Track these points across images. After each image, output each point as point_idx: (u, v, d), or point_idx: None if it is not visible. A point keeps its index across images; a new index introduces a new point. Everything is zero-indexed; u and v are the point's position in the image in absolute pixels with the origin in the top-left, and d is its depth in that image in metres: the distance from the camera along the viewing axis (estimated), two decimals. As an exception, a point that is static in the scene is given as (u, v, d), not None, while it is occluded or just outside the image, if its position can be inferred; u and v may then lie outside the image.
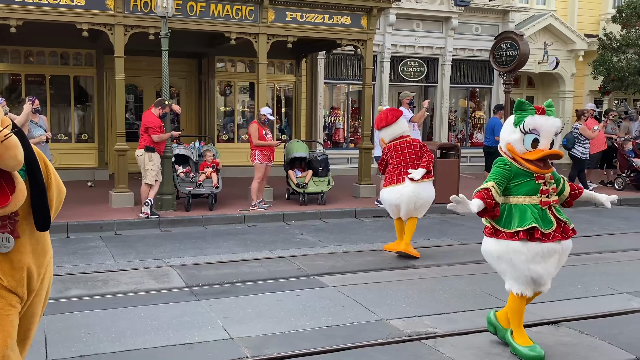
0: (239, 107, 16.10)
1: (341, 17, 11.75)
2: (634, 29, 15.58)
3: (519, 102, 4.61)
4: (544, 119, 4.47)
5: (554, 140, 4.48)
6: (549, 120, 4.47)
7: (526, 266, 4.44)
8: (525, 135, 4.44)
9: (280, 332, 5.17)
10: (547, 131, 4.43)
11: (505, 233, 4.49)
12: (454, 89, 17.52)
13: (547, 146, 4.44)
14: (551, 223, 4.46)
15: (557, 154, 4.43)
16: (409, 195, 7.73)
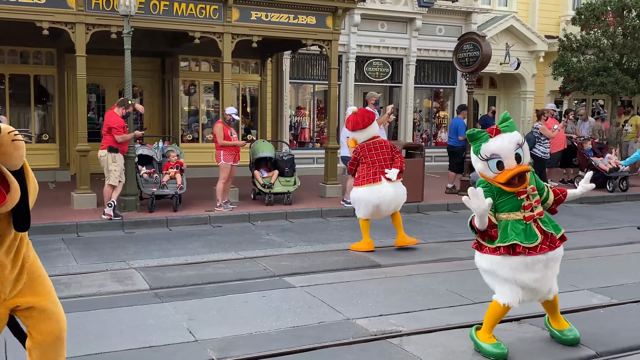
0: (204, 107, 15.97)
1: (306, 17, 11.76)
2: (593, 31, 15.95)
3: (469, 133, 4.62)
4: (499, 140, 4.45)
5: (521, 153, 4.47)
6: (504, 140, 4.44)
7: (512, 276, 4.53)
8: (488, 162, 4.47)
9: (246, 333, 5.15)
10: (506, 150, 4.43)
11: (489, 248, 4.61)
12: (418, 89, 17.68)
13: (512, 164, 4.43)
14: (536, 237, 4.52)
15: (523, 170, 4.42)
16: (391, 195, 7.97)
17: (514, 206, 4.54)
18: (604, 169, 14.27)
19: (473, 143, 4.57)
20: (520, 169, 4.40)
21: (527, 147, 4.59)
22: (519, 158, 4.45)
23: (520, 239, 4.48)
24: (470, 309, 5.86)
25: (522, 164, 4.46)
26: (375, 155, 8.05)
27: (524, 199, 4.53)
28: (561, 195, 4.84)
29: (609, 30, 15.67)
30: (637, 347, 4.89)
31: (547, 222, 4.64)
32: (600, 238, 9.45)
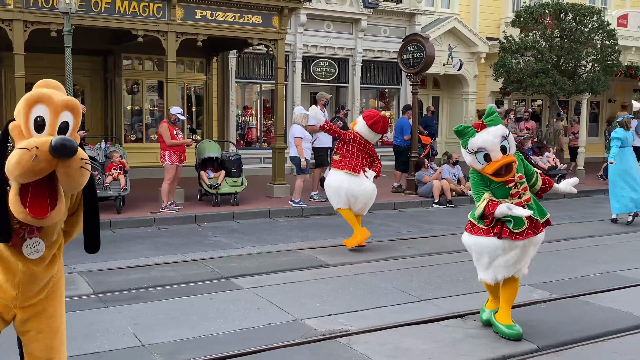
0: (148, 106, 15.70)
1: (252, 17, 11.70)
2: (532, 33, 16.41)
3: (457, 129, 4.87)
4: (484, 134, 4.70)
5: (507, 145, 4.68)
6: (489, 134, 4.68)
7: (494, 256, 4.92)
8: (476, 155, 4.74)
9: (193, 337, 5.09)
10: (491, 144, 4.67)
11: (483, 230, 4.93)
12: (364, 90, 17.84)
13: (498, 156, 4.67)
14: (523, 223, 4.80)
15: (507, 161, 4.66)
16: (370, 193, 8.21)
17: (504, 194, 4.85)
18: (543, 167, 14.74)
19: (461, 138, 4.82)
20: (506, 160, 4.66)
21: (513, 139, 4.81)
22: (505, 150, 4.68)
23: (509, 225, 4.80)
24: (417, 306, 5.95)
25: (508, 155, 4.70)
26: (362, 152, 8.19)
27: (512, 187, 4.82)
28: (548, 185, 5.12)
29: (547, 33, 16.16)
30: (576, 341, 5.06)
31: (534, 208, 4.88)
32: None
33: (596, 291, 6.46)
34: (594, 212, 12.25)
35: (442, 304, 6.03)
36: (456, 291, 6.47)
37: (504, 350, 4.83)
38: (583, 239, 9.40)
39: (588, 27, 16.14)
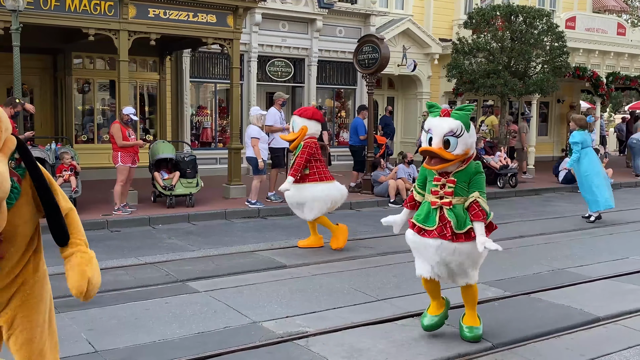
0: (99, 106, 15.38)
1: (206, 15, 11.58)
2: (483, 35, 16.71)
3: (428, 104, 4.96)
4: (438, 120, 4.71)
5: (452, 142, 4.63)
6: (441, 122, 4.69)
7: (415, 250, 5.02)
8: (427, 134, 4.80)
9: (149, 342, 5.00)
10: (437, 129, 4.68)
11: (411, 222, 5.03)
12: (320, 89, 17.87)
13: (437, 144, 4.67)
14: (433, 222, 4.80)
15: (429, 150, 4.67)
16: (344, 194, 8.40)
17: (429, 189, 4.90)
18: (495, 166, 15.04)
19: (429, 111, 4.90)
20: (428, 148, 4.68)
21: (465, 141, 4.66)
22: (448, 144, 4.65)
23: (418, 219, 4.87)
24: (373, 306, 5.99)
25: (438, 148, 4.65)
26: (320, 154, 8.23)
27: (436, 185, 4.81)
28: (472, 215, 4.72)
29: (498, 35, 16.48)
30: (529, 338, 5.18)
31: (455, 216, 4.76)
32: (493, 233, 9.89)
33: (548, 288, 6.62)
34: (544, 210, 12.56)
35: (399, 303, 6.09)
36: (413, 290, 6.53)
37: (460, 349, 4.91)
38: (534, 237, 9.61)
39: (538, 29, 16.52)
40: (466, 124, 4.69)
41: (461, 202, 4.76)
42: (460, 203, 4.76)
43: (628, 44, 20.54)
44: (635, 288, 6.71)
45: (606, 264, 7.80)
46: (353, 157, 14.19)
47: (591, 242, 9.29)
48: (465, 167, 4.77)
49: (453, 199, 4.75)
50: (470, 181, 4.78)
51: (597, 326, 5.51)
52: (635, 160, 18.23)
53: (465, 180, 4.78)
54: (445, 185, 4.77)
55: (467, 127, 4.70)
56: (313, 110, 8.35)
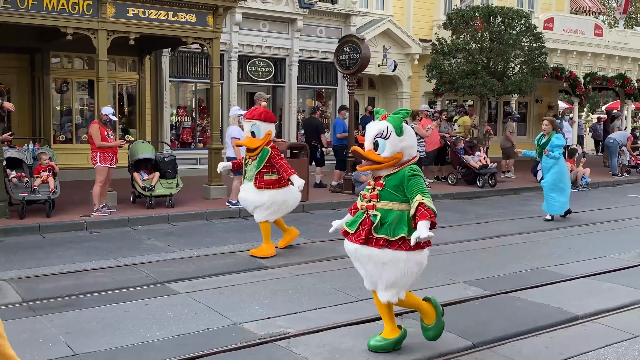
0: (78, 106, 15.23)
1: (186, 15, 11.50)
2: (463, 35, 16.83)
3: (375, 110, 4.94)
4: (372, 123, 4.70)
5: (380, 144, 4.54)
6: (373, 124, 4.68)
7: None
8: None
9: (128, 344, 4.96)
10: (368, 133, 4.68)
11: None
12: (301, 89, 17.86)
13: (367, 146, 4.67)
14: (354, 227, 4.70)
15: (355, 151, 4.70)
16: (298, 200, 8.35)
17: (362, 193, 4.81)
18: (474, 166, 15.15)
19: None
20: (356, 149, 4.68)
21: (393, 144, 4.54)
22: (377, 146, 4.59)
23: (347, 223, 4.82)
24: (355, 306, 6.00)
25: (373, 152, 4.58)
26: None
27: (368, 189, 4.72)
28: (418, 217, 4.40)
29: (477, 35, 16.61)
30: (509, 336, 5.22)
31: (381, 220, 4.54)
32: (472, 232, 10.02)
33: (527, 287, 6.68)
34: (523, 209, 12.67)
35: (379, 303, 6.09)
36: (393, 290, 6.55)
37: (441, 348, 4.93)
38: (513, 236, 9.70)
39: (516, 30, 16.68)
40: (396, 127, 4.55)
41: (388, 207, 4.54)
42: (386, 208, 4.55)
43: (605, 45, 20.83)
44: (613, 286, 6.80)
45: (584, 263, 7.89)
46: (335, 156, 14.22)
47: (569, 241, 9.39)
48: (397, 172, 4.58)
49: (377, 202, 4.58)
50: (401, 186, 4.53)
51: (576, 324, 5.58)
52: (612, 159, 18.49)
53: (394, 184, 4.56)
54: (375, 188, 4.64)
55: (398, 131, 4.55)
56: (265, 110, 7.91)
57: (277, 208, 7.96)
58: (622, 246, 8.91)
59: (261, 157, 7.78)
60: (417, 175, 4.58)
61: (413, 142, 4.69)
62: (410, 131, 4.71)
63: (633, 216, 11.76)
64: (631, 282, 6.94)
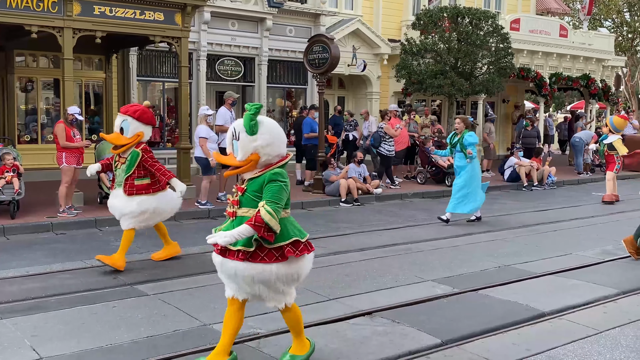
0: (43, 105, 14.95)
1: (154, 13, 11.38)
2: (431, 36, 16.99)
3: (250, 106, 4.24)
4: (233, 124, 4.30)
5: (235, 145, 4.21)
6: (231, 128, 4.30)
7: None
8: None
9: (96, 347, 4.89)
10: (227, 135, 4.33)
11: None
12: (271, 89, 17.81)
13: (229, 150, 4.30)
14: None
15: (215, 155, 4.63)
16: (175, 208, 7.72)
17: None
18: (443, 165, 15.30)
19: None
20: (215, 154, 4.58)
21: (244, 145, 4.14)
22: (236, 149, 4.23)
23: (216, 230, 4.34)
24: (325, 306, 6.01)
25: (233, 155, 4.25)
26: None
27: (234, 194, 4.30)
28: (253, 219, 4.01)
29: (445, 36, 16.78)
30: (477, 333, 5.29)
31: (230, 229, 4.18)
32: (441, 230, 10.12)
33: (495, 284, 6.78)
34: (490, 207, 12.81)
35: (350, 302, 6.12)
36: (364, 289, 6.59)
37: (410, 346, 4.97)
38: (481, 234, 9.83)
39: (483, 30, 16.91)
40: (246, 126, 4.11)
41: (248, 215, 4.11)
42: (246, 215, 4.13)
43: (570, 46, 21.23)
44: (579, 283, 6.93)
45: (551, 260, 8.03)
46: (304, 156, 14.23)
47: (536, 238, 9.54)
48: (259, 176, 4.14)
49: (238, 209, 4.21)
50: (261, 191, 4.11)
51: (543, 321, 5.67)
52: (577, 158, 18.84)
53: (254, 189, 4.14)
54: (237, 194, 4.26)
55: (248, 130, 4.10)
56: (143, 109, 7.26)
57: (149, 216, 7.24)
58: (587, 243, 9.09)
59: (130, 161, 7.08)
60: (277, 181, 4.10)
61: (272, 140, 4.15)
62: (271, 129, 4.19)
63: (597, 214, 12.01)
64: (595, 279, 7.09)
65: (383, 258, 8.06)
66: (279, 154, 4.21)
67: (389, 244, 8.96)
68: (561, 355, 4.80)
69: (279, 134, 4.25)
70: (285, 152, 4.30)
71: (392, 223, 10.30)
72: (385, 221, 10.57)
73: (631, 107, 36.22)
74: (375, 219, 11.01)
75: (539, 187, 15.92)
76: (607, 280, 7.03)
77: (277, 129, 4.25)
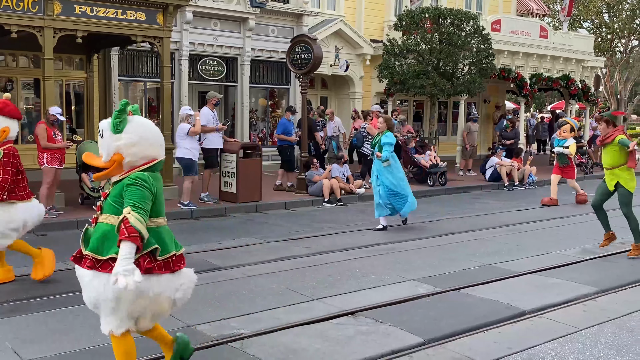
0: (23, 105, 14.78)
1: (135, 13, 11.31)
2: (413, 36, 17.07)
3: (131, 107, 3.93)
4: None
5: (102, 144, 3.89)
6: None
7: None
8: None
9: (78, 349, 4.86)
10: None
11: None
12: (253, 89, 17.78)
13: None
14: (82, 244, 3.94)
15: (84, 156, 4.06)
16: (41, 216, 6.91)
17: None
18: (425, 165, 15.39)
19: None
20: (84, 156, 4.07)
21: (106, 145, 3.84)
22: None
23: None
24: (309, 306, 6.03)
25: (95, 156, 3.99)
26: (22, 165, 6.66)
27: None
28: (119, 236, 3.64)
29: (427, 36, 16.88)
30: (459, 332, 5.34)
31: (96, 236, 3.84)
32: (423, 230, 10.18)
33: (476, 283, 6.84)
34: (472, 207, 12.94)
35: (333, 302, 6.15)
36: (347, 288, 6.62)
37: (393, 346, 5.00)
38: (463, 234, 9.90)
39: (465, 31, 17.03)
40: (111, 124, 3.81)
41: (108, 222, 3.79)
42: (106, 222, 3.80)
43: (550, 47, 21.44)
44: (559, 282, 7.02)
45: (531, 259, 8.12)
46: (279, 156, 14.25)
47: (517, 238, 9.64)
48: (121, 179, 3.81)
49: (100, 215, 3.87)
50: (122, 196, 3.76)
51: (523, 319, 5.73)
52: (557, 158, 19.00)
53: (115, 193, 3.82)
54: (102, 199, 3.94)
55: (113, 128, 3.79)
56: (5, 102, 6.61)
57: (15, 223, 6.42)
58: (567, 242, 9.20)
59: None
60: (136, 185, 3.72)
61: (138, 140, 3.80)
62: (140, 128, 3.86)
63: (577, 213, 12.16)
64: (575, 278, 7.18)
65: (366, 258, 8.10)
66: (146, 156, 3.84)
67: (372, 243, 9.01)
68: (542, 353, 4.86)
69: (150, 134, 3.89)
70: (161, 155, 3.94)
71: (375, 223, 10.34)
72: (368, 221, 10.61)
73: (610, 107, 36.72)
74: (359, 219, 11.05)
75: (520, 187, 16.08)
76: (587, 279, 7.13)
77: (148, 130, 3.90)
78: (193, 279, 4.14)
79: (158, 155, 3.94)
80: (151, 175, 3.84)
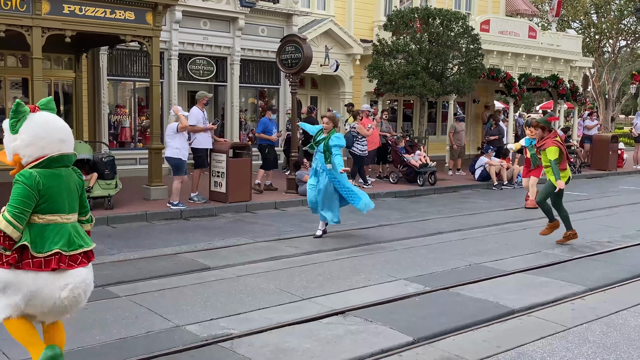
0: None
1: (124, 12, 11.26)
2: (403, 36, 17.10)
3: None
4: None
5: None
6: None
7: None
8: None
9: (67, 349, 4.80)
10: None
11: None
12: (243, 89, 17.75)
13: None
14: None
15: None
16: None
17: None
18: (415, 164, 15.42)
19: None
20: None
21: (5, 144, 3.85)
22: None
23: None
24: (299, 306, 6.03)
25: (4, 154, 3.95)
26: None
27: None
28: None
29: (417, 36, 16.91)
30: (448, 331, 5.36)
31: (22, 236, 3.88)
32: (413, 229, 10.20)
33: (465, 282, 6.87)
34: (461, 206, 12.98)
35: (323, 301, 6.15)
36: (337, 288, 6.63)
37: (382, 345, 5.02)
38: (452, 233, 9.93)
39: (454, 31, 17.07)
40: (9, 124, 3.84)
41: None
42: None
43: (539, 47, 21.54)
44: (547, 280, 7.06)
45: (520, 258, 8.16)
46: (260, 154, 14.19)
47: (505, 237, 9.69)
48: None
49: None
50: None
51: (512, 318, 5.77)
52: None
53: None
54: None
55: (11, 128, 3.83)
56: None
57: None
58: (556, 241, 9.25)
59: None
60: (17, 183, 3.78)
61: (31, 141, 3.78)
62: (34, 128, 3.82)
63: (565, 212, 12.20)
64: (563, 276, 7.23)
65: (356, 257, 8.11)
66: (29, 155, 3.80)
67: (361, 243, 9.02)
68: (530, 352, 4.89)
69: (45, 133, 3.81)
70: (62, 151, 3.90)
71: (364, 222, 10.36)
72: (357, 220, 10.63)
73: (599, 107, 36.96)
74: (348, 219, 11.06)
75: (509, 186, 16.16)
76: (575, 278, 7.18)
77: (45, 129, 3.82)
78: (85, 280, 3.95)
79: (59, 151, 3.87)
80: (43, 173, 3.80)
